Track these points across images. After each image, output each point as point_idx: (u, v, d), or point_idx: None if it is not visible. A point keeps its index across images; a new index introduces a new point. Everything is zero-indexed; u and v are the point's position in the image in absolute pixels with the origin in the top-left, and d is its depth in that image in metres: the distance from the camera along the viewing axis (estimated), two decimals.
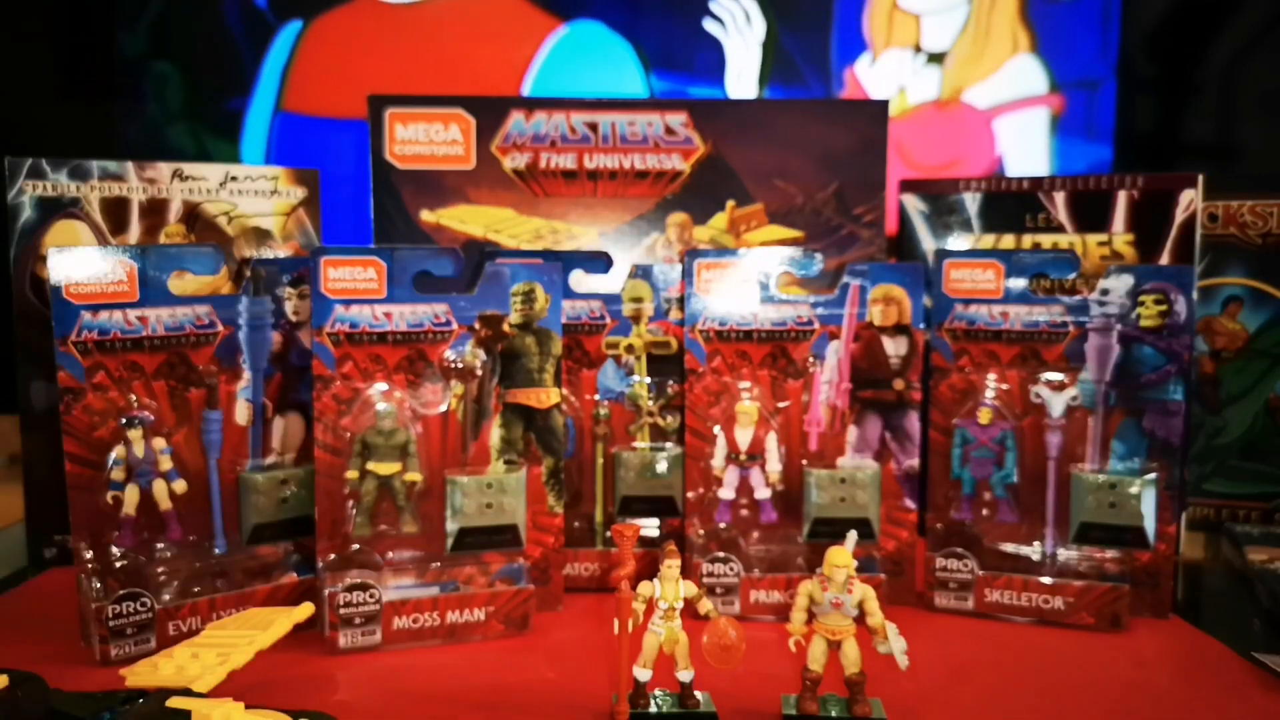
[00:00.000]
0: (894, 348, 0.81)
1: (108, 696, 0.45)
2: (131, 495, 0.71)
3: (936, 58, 1.59)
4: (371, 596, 0.71)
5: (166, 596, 0.71)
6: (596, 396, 0.87)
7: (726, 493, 0.81)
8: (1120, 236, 0.96)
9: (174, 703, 0.40)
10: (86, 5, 1.52)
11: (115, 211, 0.87)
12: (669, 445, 0.87)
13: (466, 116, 0.94)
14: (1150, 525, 0.79)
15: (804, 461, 0.82)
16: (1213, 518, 0.99)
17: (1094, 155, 1.56)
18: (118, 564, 0.71)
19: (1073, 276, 0.82)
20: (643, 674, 0.60)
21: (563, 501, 0.79)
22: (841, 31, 1.58)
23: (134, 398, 0.71)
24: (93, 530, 0.70)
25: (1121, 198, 0.96)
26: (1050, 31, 1.57)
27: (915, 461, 0.81)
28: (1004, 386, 0.82)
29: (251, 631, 0.50)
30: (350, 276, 0.72)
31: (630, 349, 0.87)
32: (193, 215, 0.89)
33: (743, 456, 0.81)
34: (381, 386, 0.75)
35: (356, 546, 0.75)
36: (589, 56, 1.57)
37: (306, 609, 0.58)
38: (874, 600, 0.60)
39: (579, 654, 0.71)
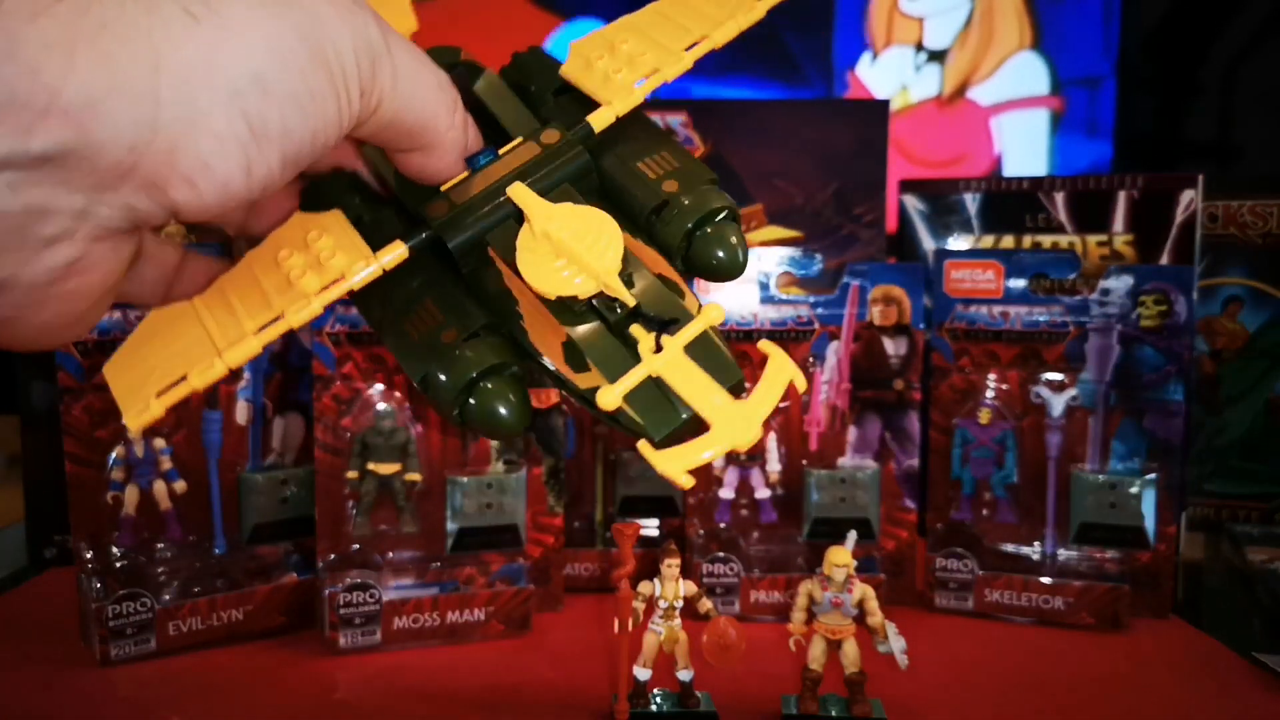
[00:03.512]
0: (894, 348, 0.81)
1: (550, 75, 0.40)
2: (131, 495, 0.71)
3: (938, 55, 1.59)
4: (371, 596, 0.71)
5: (166, 596, 0.71)
6: None
7: (726, 493, 0.81)
8: (1120, 236, 0.96)
9: (513, 193, 0.36)
10: None
11: None
12: None
13: None
14: (1150, 525, 0.79)
15: (804, 461, 0.82)
16: (1213, 518, 0.99)
17: (1095, 153, 1.56)
18: (118, 564, 0.71)
19: (1073, 276, 0.82)
20: (643, 673, 0.60)
21: (563, 501, 0.79)
22: (843, 30, 1.58)
23: None
24: (93, 530, 0.70)
25: (1121, 198, 0.96)
26: (1052, 29, 1.56)
27: (915, 461, 0.81)
28: (1004, 386, 0.82)
29: (716, 11, 0.40)
30: None
31: None
32: None
33: (743, 456, 0.81)
34: (381, 387, 0.75)
35: (356, 546, 0.75)
36: None
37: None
38: (874, 600, 0.60)
39: (579, 654, 0.71)
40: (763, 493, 0.81)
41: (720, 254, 0.36)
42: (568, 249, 0.34)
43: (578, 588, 0.83)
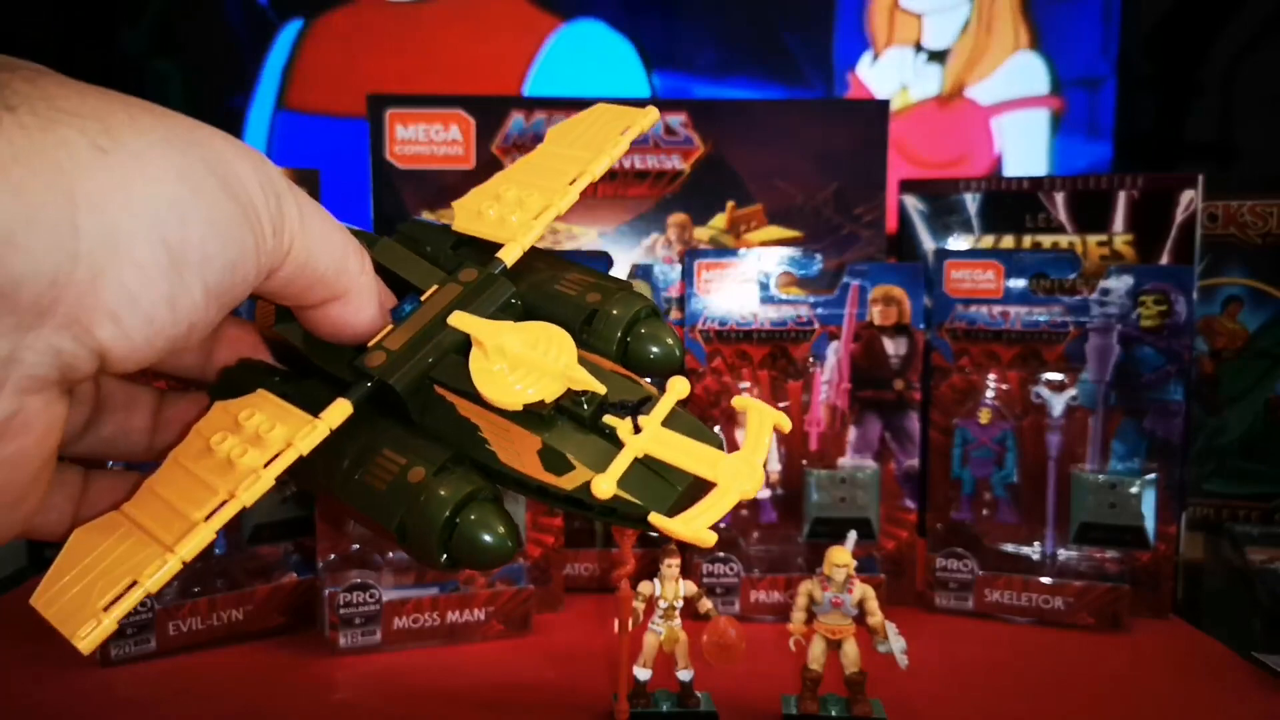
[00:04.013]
0: (894, 348, 0.81)
1: (442, 234, 0.41)
2: None
3: (938, 55, 1.59)
4: (371, 596, 0.71)
5: (166, 596, 0.71)
6: None
7: None
8: (1120, 236, 0.96)
9: (454, 321, 0.36)
10: (87, 3, 1.52)
11: None
12: None
13: (466, 116, 0.94)
14: (1150, 525, 0.79)
15: (804, 461, 0.82)
16: (1213, 518, 0.99)
17: (1095, 154, 1.56)
18: None
19: (1073, 276, 0.82)
20: (643, 673, 0.60)
21: None
22: (843, 30, 1.58)
23: None
24: None
25: (1121, 198, 0.96)
26: (1052, 29, 1.56)
27: (915, 461, 0.81)
28: (1004, 386, 0.82)
29: (583, 152, 0.43)
30: None
31: None
32: None
33: None
34: None
35: (356, 546, 0.75)
36: (589, 55, 1.57)
37: (651, 115, 0.44)
38: (874, 600, 0.60)
39: (579, 654, 0.71)
40: (763, 493, 0.81)
41: (655, 350, 0.37)
42: (524, 359, 0.34)
43: (578, 588, 0.83)
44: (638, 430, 0.34)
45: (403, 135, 0.94)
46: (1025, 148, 1.59)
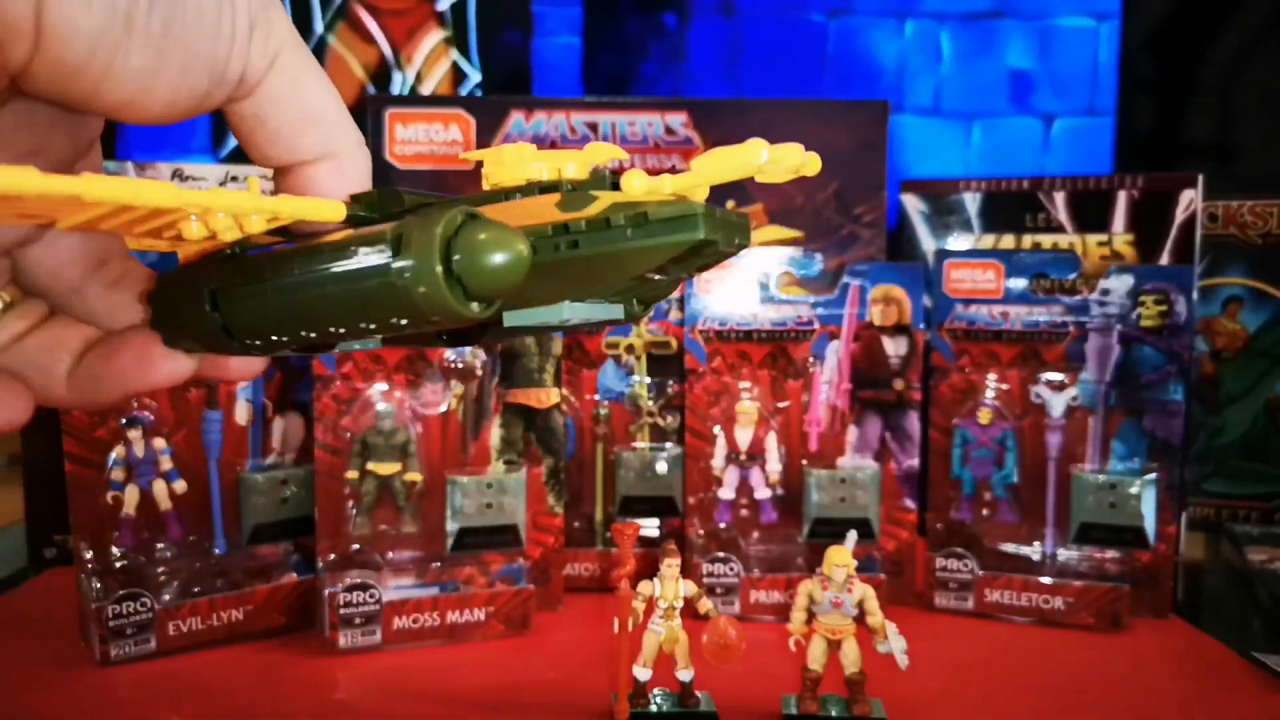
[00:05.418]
0: (894, 348, 0.81)
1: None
2: (131, 495, 0.71)
3: None
4: (371, 596, 0.71)
5: (166, 596, 0.71)
6: (596, 396, 0.87)
7: (726, 493, 0.81)
8: (1120, 236, 0.96)
9: (467, 155, 0.35)
10: None
11: None
12: (669, 445, 0.87)
13: (466, 116, 0.94)
14: (1150, 525, 0.79)
15: (804, 461, 0.82)
16: (1213, 518, 0.99)
17: (1095, 153, 1.56)
18: (118, 564, 0.71)
19: (1073, 276, 0.82)
20: (643, 673, 0.60)
21: (563, 501, 0.79)
22: None
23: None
24: (93, 530, 0.70)
25: (1121, 198, 0.96)
26: (1052, 29, 1.56)
27: (915, 461, 0.81)
28: (1004, 386, 0.82)
29: None
30: None
31: (630, 349, 0.87)
32: None
33: (743, 456, 0.81)
34: (381, 386, 0.75)
35: (356, 546, 0.75)
36: None
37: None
38: (874, 600, 0.60)
39: (579, 654, 0.71)
40: (763, 493, 0.81)
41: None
42: (542, 156, 0.34)
43: (578, 588, 0.83)
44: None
45: (403, 135, 0.94)
46: (1026, 148, 1.59)
